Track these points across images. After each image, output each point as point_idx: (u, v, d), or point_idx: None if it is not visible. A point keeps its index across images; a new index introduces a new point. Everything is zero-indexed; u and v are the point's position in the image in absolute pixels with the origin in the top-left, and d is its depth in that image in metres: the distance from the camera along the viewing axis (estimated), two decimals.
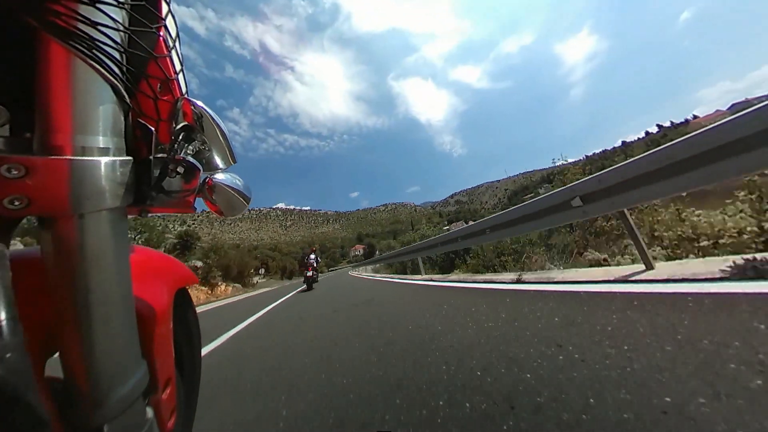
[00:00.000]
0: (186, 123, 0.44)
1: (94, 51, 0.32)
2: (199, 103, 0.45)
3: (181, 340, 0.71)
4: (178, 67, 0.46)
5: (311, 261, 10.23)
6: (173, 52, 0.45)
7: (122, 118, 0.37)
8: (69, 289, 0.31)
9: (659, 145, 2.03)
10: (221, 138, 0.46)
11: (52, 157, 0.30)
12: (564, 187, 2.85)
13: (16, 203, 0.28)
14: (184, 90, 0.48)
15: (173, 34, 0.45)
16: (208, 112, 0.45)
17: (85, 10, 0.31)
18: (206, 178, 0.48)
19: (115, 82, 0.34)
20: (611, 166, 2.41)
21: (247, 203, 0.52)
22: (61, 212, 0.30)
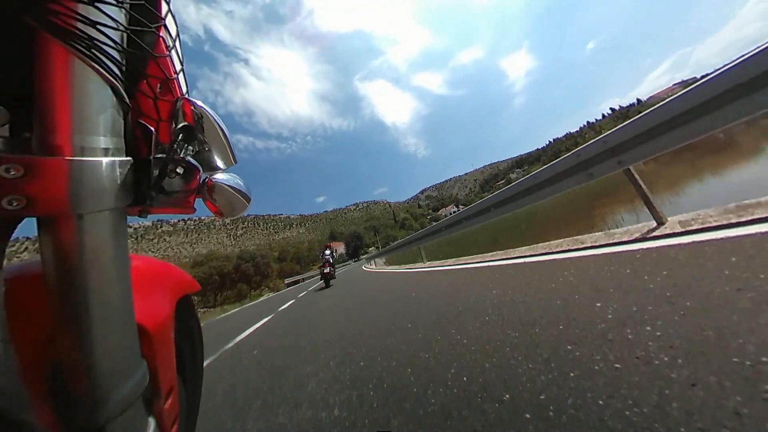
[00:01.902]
0: (186, 123, 0.44)
1: (93, 51, 0.32)
2: (199, 102, 0.45)
3: (184, 349, 0.70)
4: (178, 66, 0.46)
5: (327, 257, 10.33)
6: (173, 52, 0.44)
7: (122, 118, 0.36)
8: (68, 289, 0.31)
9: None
10: (222, 138, 0.46)
11: (52, 157, 0.29)
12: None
13: (15, 203, 0.28)
14: (184, 90, 0.48)
15: (173, 34, 0.44)
16: (208, 112, 0.44)
17: (85, 10, 0.31)
18: (206, 178, 0.48)
19: (115, 82, 0.34)
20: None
21: (248, 203, 0.52)
22: (60, 212, 0.30)
